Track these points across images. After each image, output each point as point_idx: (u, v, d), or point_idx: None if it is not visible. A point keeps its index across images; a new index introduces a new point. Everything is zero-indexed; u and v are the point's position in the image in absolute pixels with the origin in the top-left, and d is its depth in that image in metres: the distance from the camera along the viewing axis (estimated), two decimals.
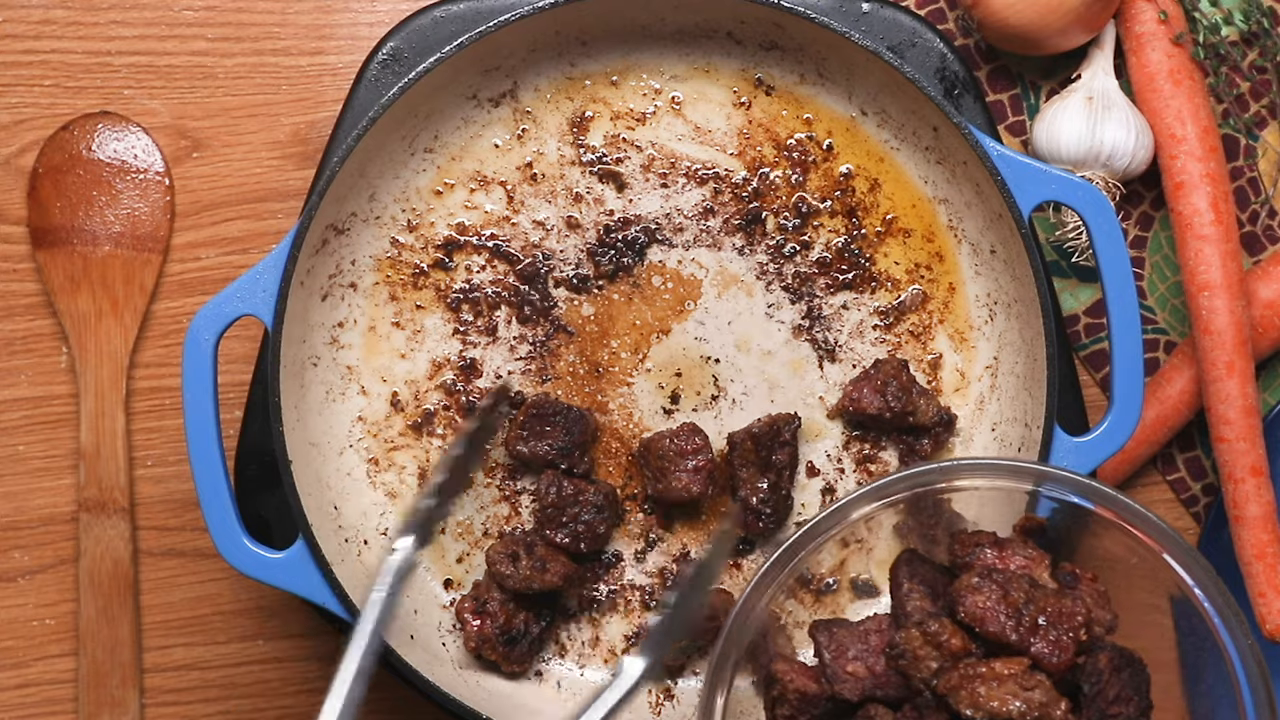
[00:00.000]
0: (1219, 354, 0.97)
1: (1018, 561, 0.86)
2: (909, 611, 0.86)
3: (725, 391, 0.97)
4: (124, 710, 1.01)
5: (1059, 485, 0.85)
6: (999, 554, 0.86)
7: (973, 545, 0.87)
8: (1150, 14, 0.99)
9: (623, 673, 0.79)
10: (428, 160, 0.97)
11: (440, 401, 0.97)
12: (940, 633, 0.82)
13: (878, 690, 0.85)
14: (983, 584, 0.83)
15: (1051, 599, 0.83)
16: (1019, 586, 0.83)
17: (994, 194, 0.92)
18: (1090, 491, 0.84)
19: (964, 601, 0.82)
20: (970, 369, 0.98)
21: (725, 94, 0.97)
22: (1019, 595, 0.82)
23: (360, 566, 0.94)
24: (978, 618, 0.82)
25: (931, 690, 0.82)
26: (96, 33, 1.02)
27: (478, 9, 0.96)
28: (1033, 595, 0.83)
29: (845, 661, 0.86)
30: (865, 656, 0.86)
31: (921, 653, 0.82)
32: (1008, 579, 0.83)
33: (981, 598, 0.82)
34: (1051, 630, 0.82)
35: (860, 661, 0.86)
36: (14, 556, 1.03)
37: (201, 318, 0.89)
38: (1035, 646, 0.81)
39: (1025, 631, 0.82)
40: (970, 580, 0.83)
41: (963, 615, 0.82)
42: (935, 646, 0.82)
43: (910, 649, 0.83)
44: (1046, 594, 0.83)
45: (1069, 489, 0.85)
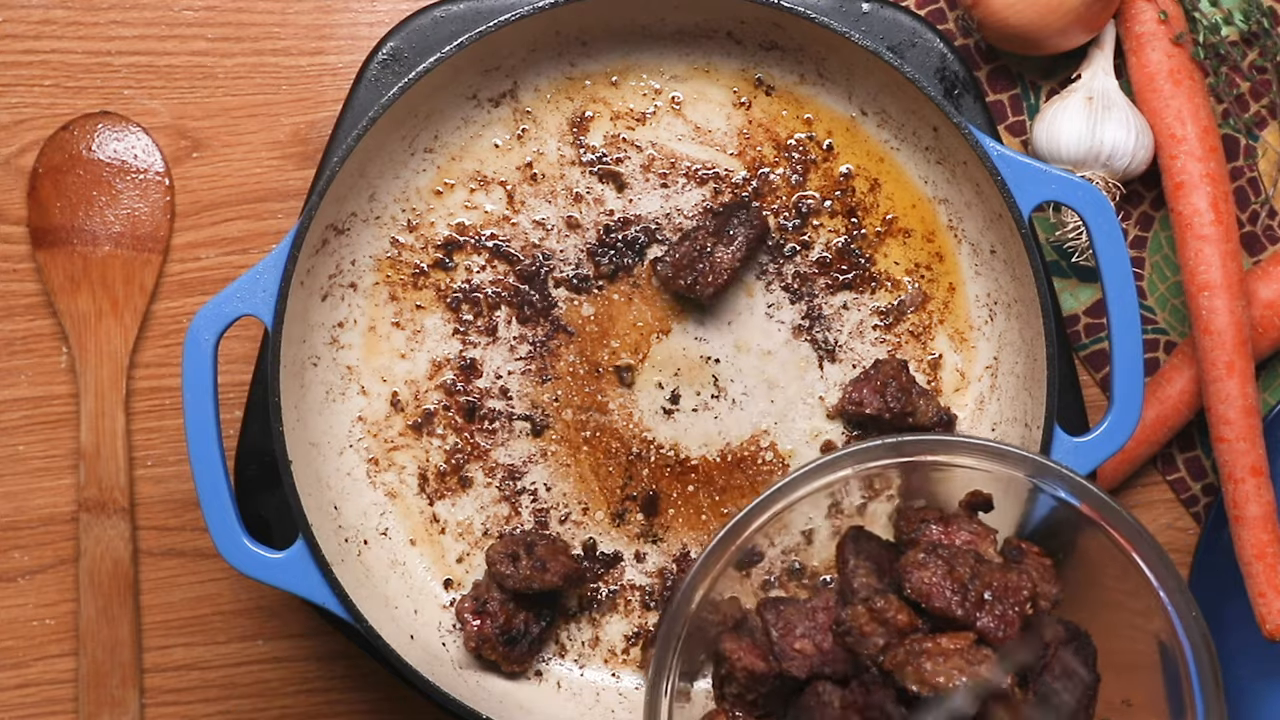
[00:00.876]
0: (1219, 354, 0.97)
1: (963, 536, 0.86)
2: (855, 588, 0.86)
3: (725, 391, 0.97)
4: (124, 710, 1.01)
5: (1020, 465, 0.85)
6: (944, 529, 0.87)
7: (918, 521, 0.87)
8: (1150, 14, 0.99)
9: None
10: (428, 160, 0.97)
11: (440, 401, 0.97)
12: (886, 609, 0.82)
13: (825, 667, 0.86)
14: (928, 559, 0.83)
15: (997, 573, 0.83)
16: (964, 561, 0.83)
17: (994, 194, 0.92)
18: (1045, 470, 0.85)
19: (910, 577, 0.83)
20: (970, 369, 0.98)
21: (725, 94, 0.97)
22: (964, 570, 0.83)
23: (360, 566, 0.94)
24: (923, 593, 0.82)
25: (878, 666, 0.82)
26: (96, 33, 1.02)
27: (478, 9, 0.96)
28: (978, 570, 0.83)
29: (793, 639, 0.86)
30: (813, 634, 0.86)
31: (868, 629, 0.82)
32: (953, 554, 0.84)
33: (927, 573, 0.82)
34: (997, 604, 0.82)
35: (808, 639, 0.86)
36: (14, 556, 1.03)
37: (201, 318, 0.89)
38: (981, 621, 0.82)
39: (971, 606, 0.82)
40: (916, 556, 0.83)
41: (909, 591, 0.83)
42: (881, 623, 0.82)
43: (856, 625, 0.83)
44: (992, 568, 0.83)
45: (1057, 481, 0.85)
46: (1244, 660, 1.02)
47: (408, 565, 0.97)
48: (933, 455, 0.86)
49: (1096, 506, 0.85)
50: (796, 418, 0.98)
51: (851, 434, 0.98)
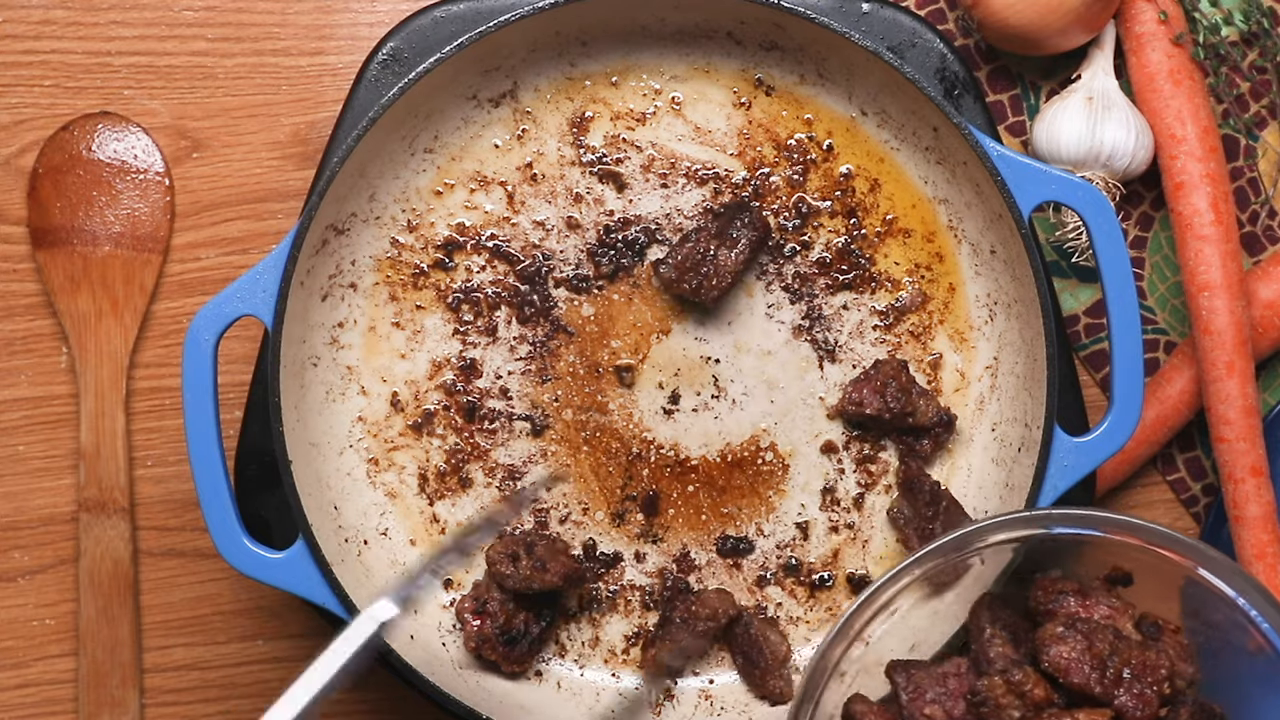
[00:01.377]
0: (1219, 354, 0.97)
1: (1102, 611, 0.85)
2: (991, 658, 0.85)
3: (725, 392, 0.97)
4: (124, 710, 1.01)
5: (1082, 525, 0.85)
6: (1083, 603, 0.86)
7: (1056, 593, 0.86)
8: (1150, 14, 0.99)
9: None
10: (428, 160, 0.97)
11: (440, 401, 0.97)
12: (1024, 682, 0.82)
13: None
14: (1067, 634, 0.82)
15: (1136, 651, 0.82)
16: (1103, 637, 0.82)
17: (994, 194, 0.92)
18: (1112, 525, 0.84)
19: (1048, 651, 0.82)
20: (970, 369, 0.98)
21: (725, 94, 0.97)
22: (1103, 646, 0.82)
23: (360, 566, 0.94)
24: (1062, 668, 0.81)
25: None
26: (96, 33, 1.02)
27: (478, 9, 0.96)
28: (1117, 647, 0.82)
29: (923, 704, 0.85)
30: (943, 700, 0.86)
31: (1004, 701, 0.82)
32: (1092, 629, 0.83)
33: (1066, 648, 0.82)
34: (1136, 683, 0.81)
35: (938, 705, 0.85)
36: (14, 556, 1.03)
37: (201, 318, 0.89)
38: (1119, 699, 0.81)
39: (1110, 684, 0.81)
40: (1055, 630, 0.82)
41: (1046, 665, 0.82)
42: (1018, 695, 0.82)
43: (993, 697, 0.82)
44: (1131, 645, 0.83)
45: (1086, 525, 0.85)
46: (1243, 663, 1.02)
47: (408, 565, 0.97)
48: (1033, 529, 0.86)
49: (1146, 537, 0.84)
50: (796, 418, 0.98)
51: (851, 434, 0.98)
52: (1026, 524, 0.85)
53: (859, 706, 0.87)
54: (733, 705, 0.97)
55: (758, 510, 0.98)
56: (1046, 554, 0.89)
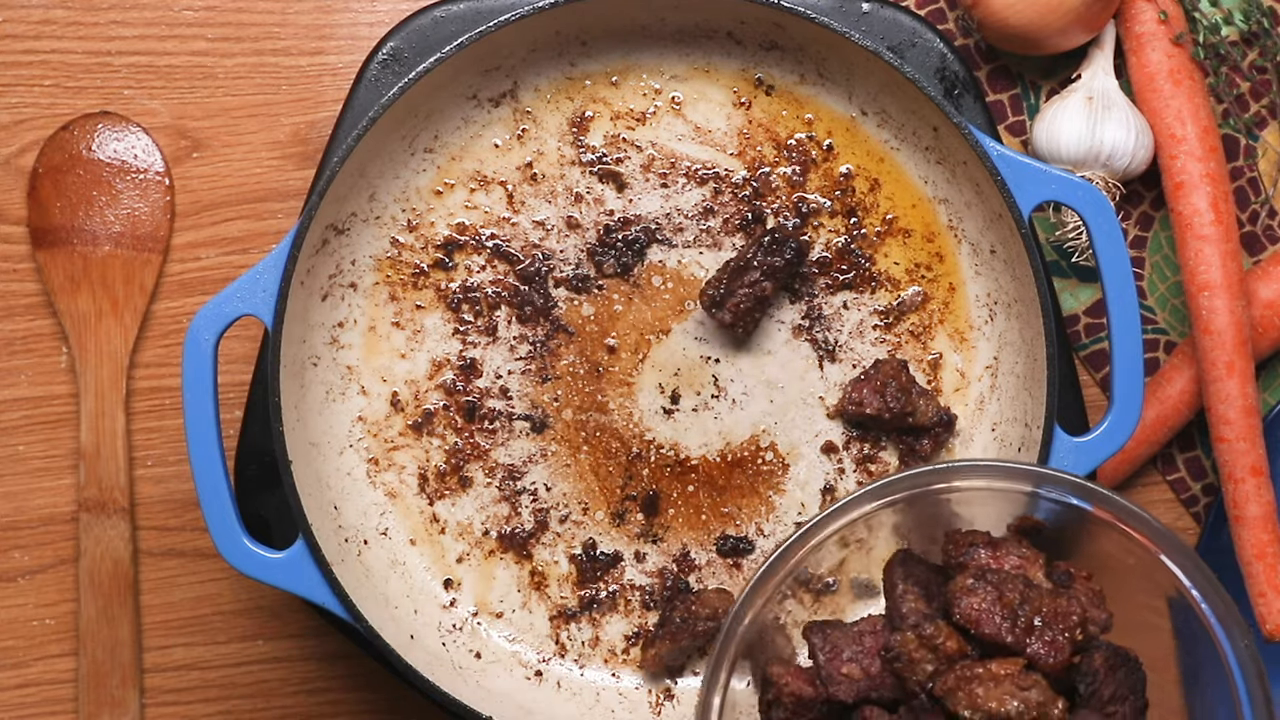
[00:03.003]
0: (1219, 354, 0.97)
1: (1012, 561, 0.86)
2: (904, 613, 0.85)
3: (725, 391, 0.97)
4: (124, 710, 1.01)
5: (1056, 486, 0.85)
6: (993, 554, 0.86)
7: (967, 545, 0.87)
8: (1150, 14, 0.99)
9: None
10: (428, 160, 0.97)
11: (440, 401, 0.97)
12: (936, 635, 0.82)
13: (873, 692, 0.85)
14: (978, 585, 0.83)
15: (1046, 599, 0.83)
16: (1014, 587, 0.83)
17: (994, 194, 0.92)
18: (1087, 492, 0.84)
19: (959, 603, 0.82)
20: (970, 369, 0.98)
21: (725, 94, 0.97)
22: (1014, 596, 0.82)
23: (360, 566, 0.94)
24: (973, 619, 0.82)
25: (928, 693, 0.82)
26: (96, 33, 1.02)
27: (478, 9, 0.96)
28: (1028, 596, 0.82)
29: (840, 663, 0.86)
30: (860, 658, 0.86)
31: (917, 655, 0.82)
32: (1002, 580, 0.83)
33: (977, 599, 0.82)
34: (1047, 630, 0.82)
35: (855, 663, 0.86)
36: (14, 556, 1.03)
37: (201, 318, 0.89)
38: (1031, 647, 0.81)
39: (1021, 632, 0.81)
40: (965, 582, 0.83)
41: (958, 617, 0.82)
42: (931, 649, 0.82)
43: (906, 651, 0.82)
44: (1041, 594, 0.83)
45: (1066, 490, 0.85)
46: None
47: (408, 565, 0.97)
48: (972, 480, 0.85)
49: (1108, 508, 0.84)
50: (796, 418, 0.98)
51: (851, 434, 0.98)
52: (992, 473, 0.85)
53: (776, 668, 0.87)
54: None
55: (758, 510, 0.98)
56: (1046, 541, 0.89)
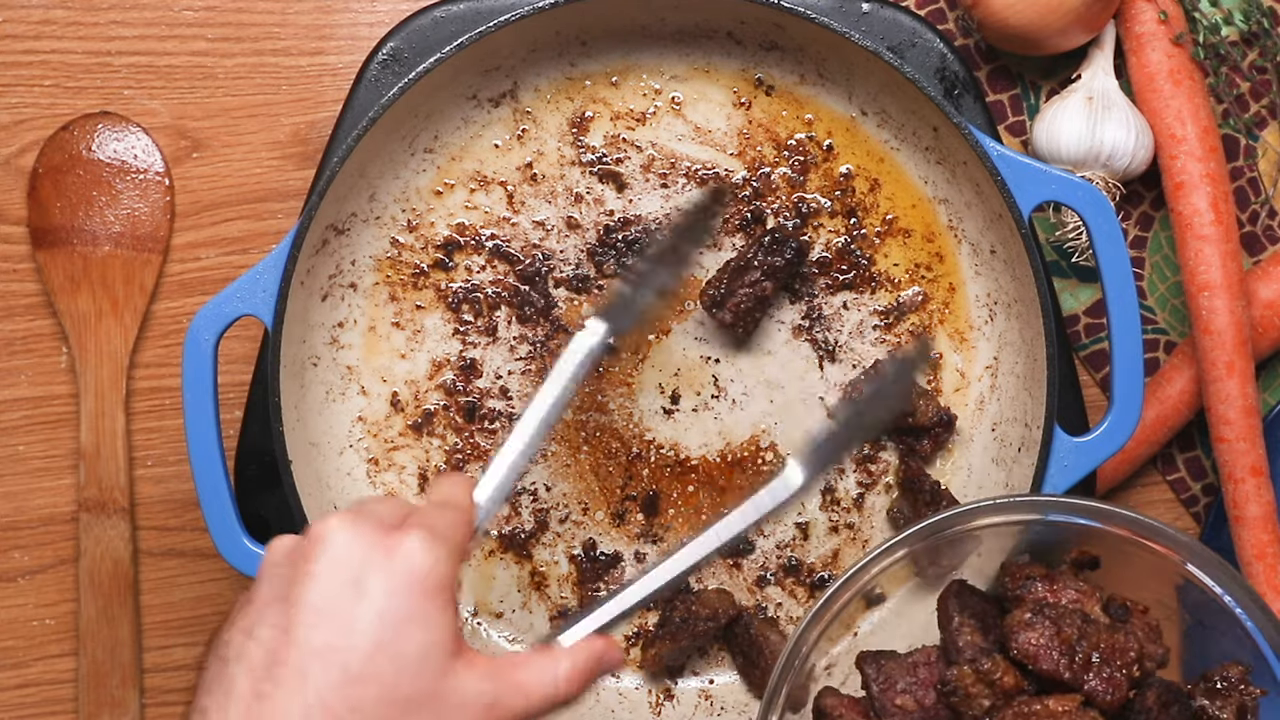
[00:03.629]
0: (1219, 354, 0.97)
1: (1069, 595, 0.85)
2: (960, 647, 0.85)
3: (725, 391, 0.97)
4: (124, 710, 1.01)
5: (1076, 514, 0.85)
6: (1050, 588, 0.85)
7: (1023, 578, 0.86)
8: (1150, 14, 0.99)
9: (783, 478, 0.77)
10: (428, 160, 0.97)
11: (440, 401, 0.97)
12: (993, 670, 0.82)
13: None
14: (1035, 620, 0.82)
15: (1104, 634, 0.82)
16: (1071, 622, 0.82)
17: (994, 194, 0.92)
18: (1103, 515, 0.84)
19: (1017, 638, 0.82)
20: (970, 369, 0.98)
21: (725, 94, 0.97)
22: (1071, 631, 0.82)
23: None
24: (1031, 655, 0.81)
25: None
26: (96, 33, 1.02)
27: (478, 9, 0.96)
28: (1085, 631, 0.82)
29: (894, 694, 0.85)
30: (914, 689, 0.85)
31: (974, 690, 0.82)
32: (1060, 615, 0.83)
33: (1035, 634, 0.82)
34: (1105, 667, 0.81)
35: (909, 694, 0.85)
36: (14, 556, 1.03)
37: (201, 318, 0.89)
38: (1089, 684, 0.81)
39: (1079, 669, 0.81)
40: (1023, 616, 0.82)
41: (1015, 652, 0.82)
42: (988, 684, 0.82)
43: (963, 686, 0.82)
44: (1099, 629, 0.82)
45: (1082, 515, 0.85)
46: None
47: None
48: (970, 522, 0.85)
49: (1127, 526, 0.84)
50: (796, 418, 0.98)
51: None
52: (1016, 509, 0.85)
53: (830, 700, 0.87)
54: (733, 705, 0.97)
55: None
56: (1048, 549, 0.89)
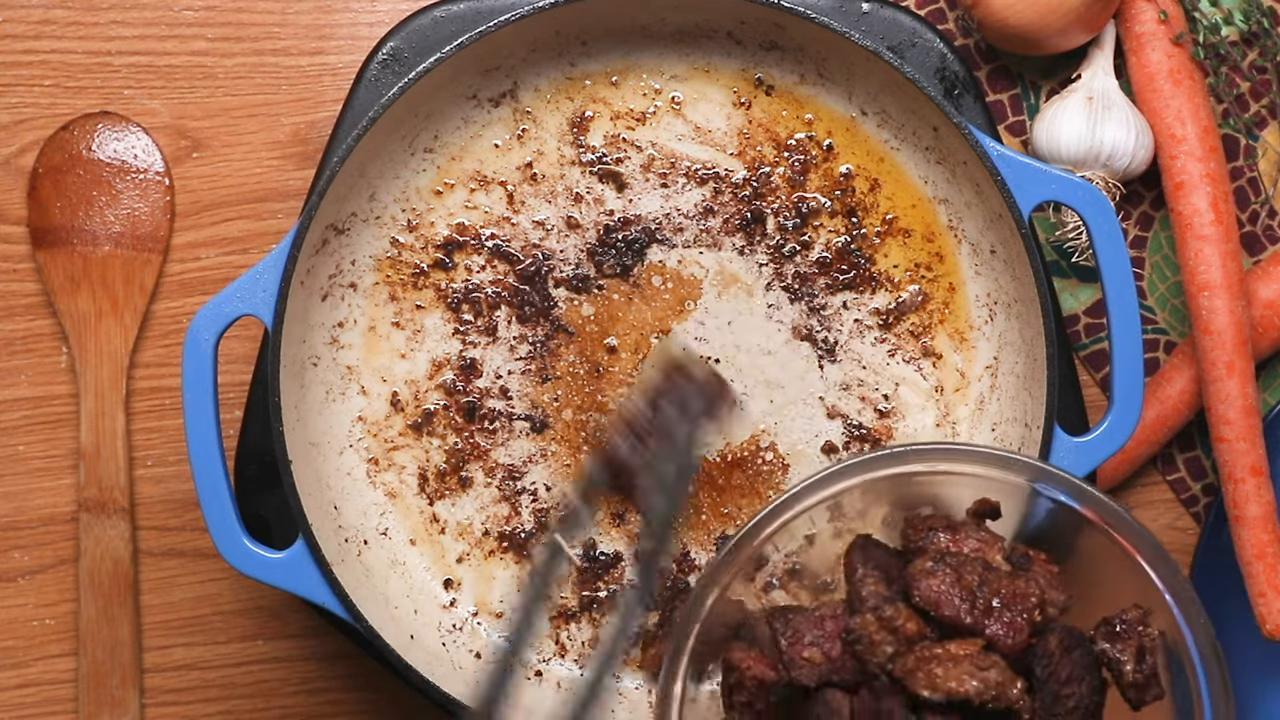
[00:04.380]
0: (1219, 354, 0.97)
1: (971, 545, 0.86)
2: (864, 596, 0.86)
3: None
4: (124, 710, 1.01)
5: (1021, 471, 0.85)
6: (952, 538, 0.87)
7: (926, 529, 0.88)
8: (1150, 14, 0.99)
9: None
10: (428, 160, 0.97)
11: (440, 401, 0.97)
12: (895, 617, 0.83)
13: (834, 675, 0.86)
14: (937, 568, 0.83)
15: (1005, 581, 0.83)
16: (973, 570, 0.84)
17: (994, 194, 0.92)
18: (1048, 476, 0.85)
19: (918, 585, 0.83)
20: (970, 369, 0.98)
21: (725, 94, 0.97)
22: (973, 578, 0.83)
23: (360, 566, 0.94)
24: (932, 601, 0.83)
25: (888, 674, 0.83)
26: (96, 33, 1.02)
27: (478, 9, 0.96)
28: (986, 578, 0.83)
29: (801, 647, 0.86)
30: (821, 642, 0.86)
31: (877, 637, 0.83)
32: (961, 562, 0.84)
33: (936, 581, 0.83)
34: (1006, 612, 0.83)
35: (816, 647, 0.86)
36: (14, 556, 1.03)
37: (201, 318, 0.89)
38: (990, 628, 0.82)
39: (980, 614, 0.82)
40: (924, 564, 0.84)
41: (917, 599, 0.83)
42: (890, 631, 0.83)
43: (866, 634, 0.83)
44: (1000, 576, 0.84)
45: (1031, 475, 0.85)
46: (1244, 660, 1.02)
47: (408, 565, 0.97)
48: (936, 464, 0.86)
49: (1096, 508, 0.85)
50: (796, 418, 0.98)
51: (852, 434, 0.98)
52: (943, 456, 0.86)
53: (738, 653, 0.88)
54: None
55: (757, 510, 0.98)
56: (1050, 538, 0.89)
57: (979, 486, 0.89)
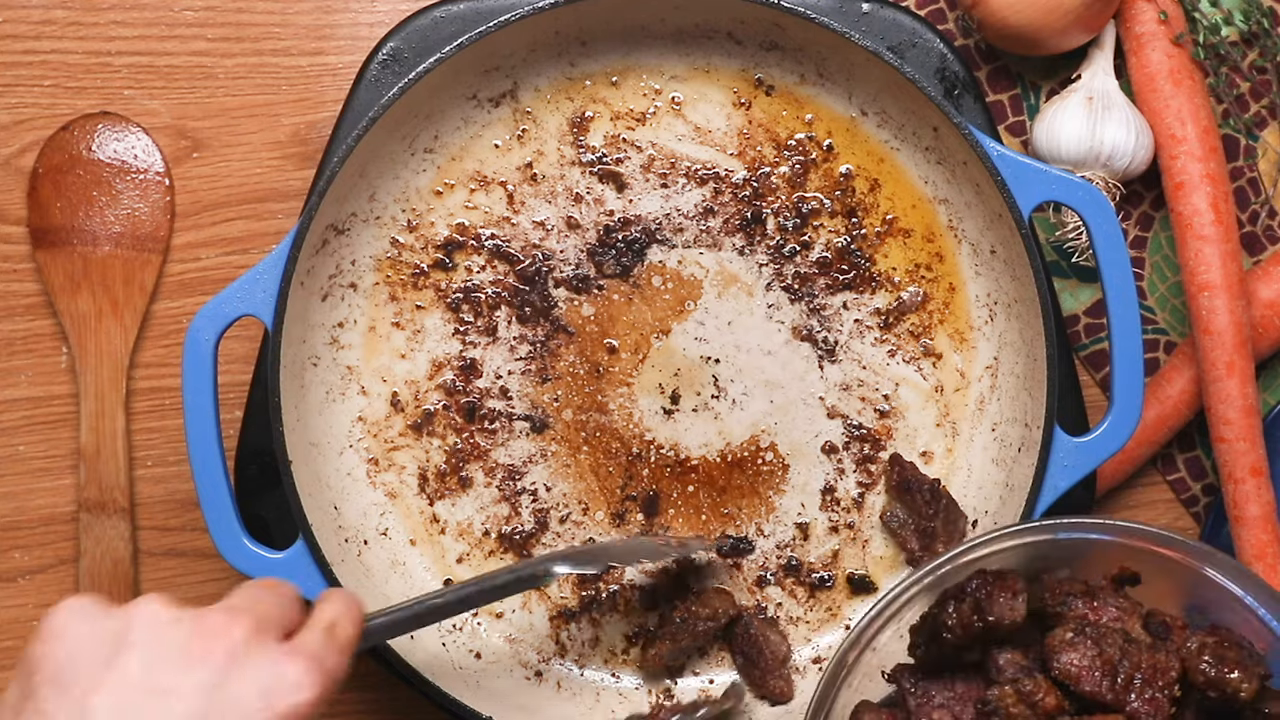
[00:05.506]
0: (1219, 354, 0.97)
1: (1110, 613, 0.84)
2: (1001, 665, 0.84)
3: (725, 391, 0.97)
4: None
5: (1086, 531, 0.85)
6: (1090, 605, 0.85)
7: (1064, 594, 0.85)
8: (1150, 14, 0.99)
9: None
10: (428, 160, 0.97)
11: (440, 401, 0.97)
12: (1035, 691, 0.81)
13: None
14: (1077, 640, 0.81)
15: (1145, 654, 0.82)
16: (1113, 642, 0.82)
17: (994, 194, 0.92)
18: (1118, 530, 0.84)
19: (1059, 659, 0.81)
20: (970, 369, 0.98)
21: (725, 94, 0.97)
22: (1113, 651, 0.81)
23: (360, 566, 0.94)
24: (1074, 676, 0.81)
25: None
26: (96, 33, 1.02)
27: (478, 9, 0.96)
28: (1127, 650, 0.81)
29: (931, 709, 0.84)
30: (951, 705, 0.85)
31: (1015, 710, 0.81)
32: (1101, 634, 0.82)
33: (1077, 654, 0.81)
34: (1147, 688, 0.81)
35: (946, 710, 0.84)
36: (14, 556, 1.03)
37: (201, 318, 0.89)
38: (1131, 705, 0.80)
39: (1121, 689, 0.81)
40: (1065, 635, 0.82)
41: (1057, 672, 0.81)
42: (1029, 705, 0.81)
43: (1004, 706, 0.81)
44: (1140, 649, 0.82)
45: (1096, 532, 0.84)
46: None
47: (408, 565, 0.97)
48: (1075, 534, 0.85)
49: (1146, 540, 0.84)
50: (796, 418, 0.98)
51: (852, 434, 0.98)
52: (1031, 533, 0.84)
53: (868, 715, 0.86)
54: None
55: (757, 510, 0.98)
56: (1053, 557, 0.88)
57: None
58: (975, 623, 0.82)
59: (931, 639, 0.85)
